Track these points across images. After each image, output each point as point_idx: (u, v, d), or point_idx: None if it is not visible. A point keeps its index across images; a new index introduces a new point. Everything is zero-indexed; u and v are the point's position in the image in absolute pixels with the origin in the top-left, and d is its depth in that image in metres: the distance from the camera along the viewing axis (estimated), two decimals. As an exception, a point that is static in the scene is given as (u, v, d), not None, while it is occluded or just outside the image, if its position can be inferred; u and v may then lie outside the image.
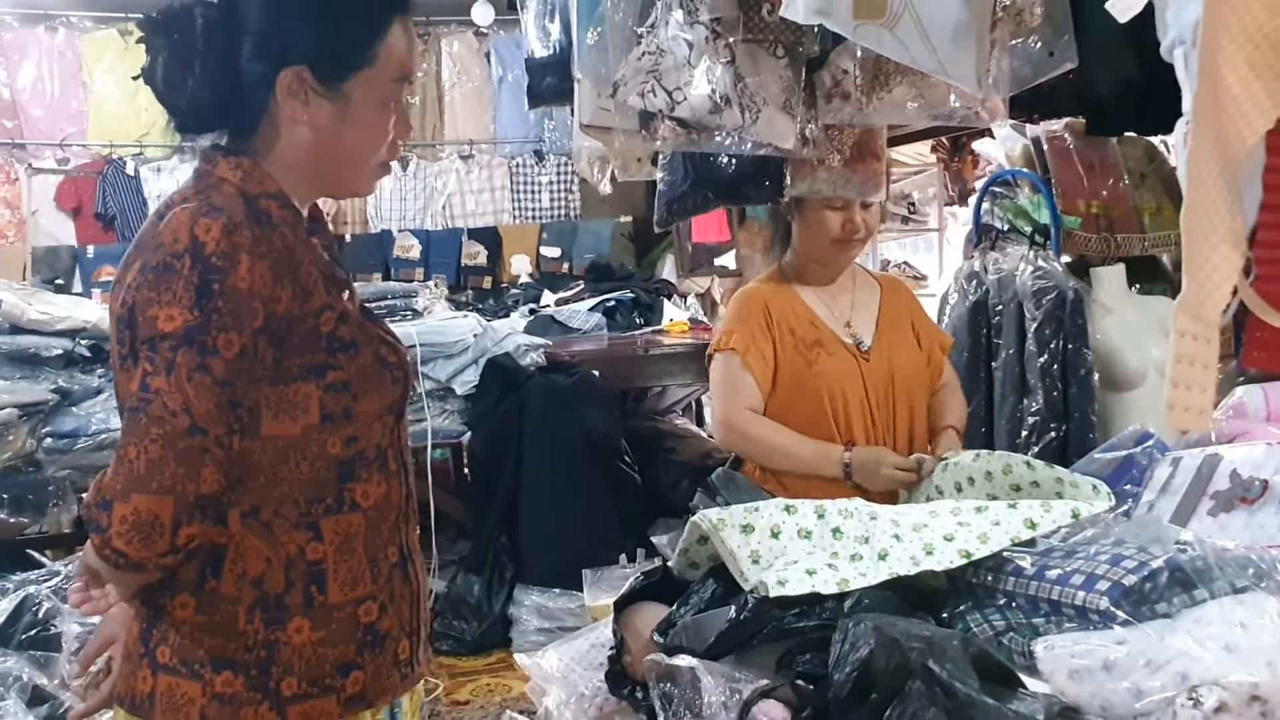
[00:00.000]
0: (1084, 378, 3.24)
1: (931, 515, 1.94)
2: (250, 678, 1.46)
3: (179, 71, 1.49)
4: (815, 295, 2.65)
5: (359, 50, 1.52)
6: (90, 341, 4.40)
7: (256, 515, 1.47)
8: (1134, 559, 1.64)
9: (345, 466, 1.51)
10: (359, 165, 1.59)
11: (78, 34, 7.65)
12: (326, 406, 1.48)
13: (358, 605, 1.52)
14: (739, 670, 1.64)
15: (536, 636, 4.12)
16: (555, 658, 2.06)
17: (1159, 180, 3.71)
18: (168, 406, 1.34)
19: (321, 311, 1.48)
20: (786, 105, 1.73)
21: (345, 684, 1.51)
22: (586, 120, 1.91)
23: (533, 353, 4.41)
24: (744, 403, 2.57)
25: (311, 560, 1.49)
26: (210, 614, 1.46)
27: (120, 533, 1.34)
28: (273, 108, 1.51)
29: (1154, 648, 1.50)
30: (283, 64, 1.49)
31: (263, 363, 1.42)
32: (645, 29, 1.64)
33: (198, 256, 1.37)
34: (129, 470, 1.34)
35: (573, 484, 4.25)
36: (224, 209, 1.42)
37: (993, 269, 3.47)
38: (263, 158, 1.53)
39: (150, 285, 1.38)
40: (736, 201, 2.25)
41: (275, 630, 1.47)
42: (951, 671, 1.41)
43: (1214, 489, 2.00)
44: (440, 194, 8.23)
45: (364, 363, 1.52)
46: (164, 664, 1.47)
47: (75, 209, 7.67)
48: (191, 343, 1.35)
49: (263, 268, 1.40)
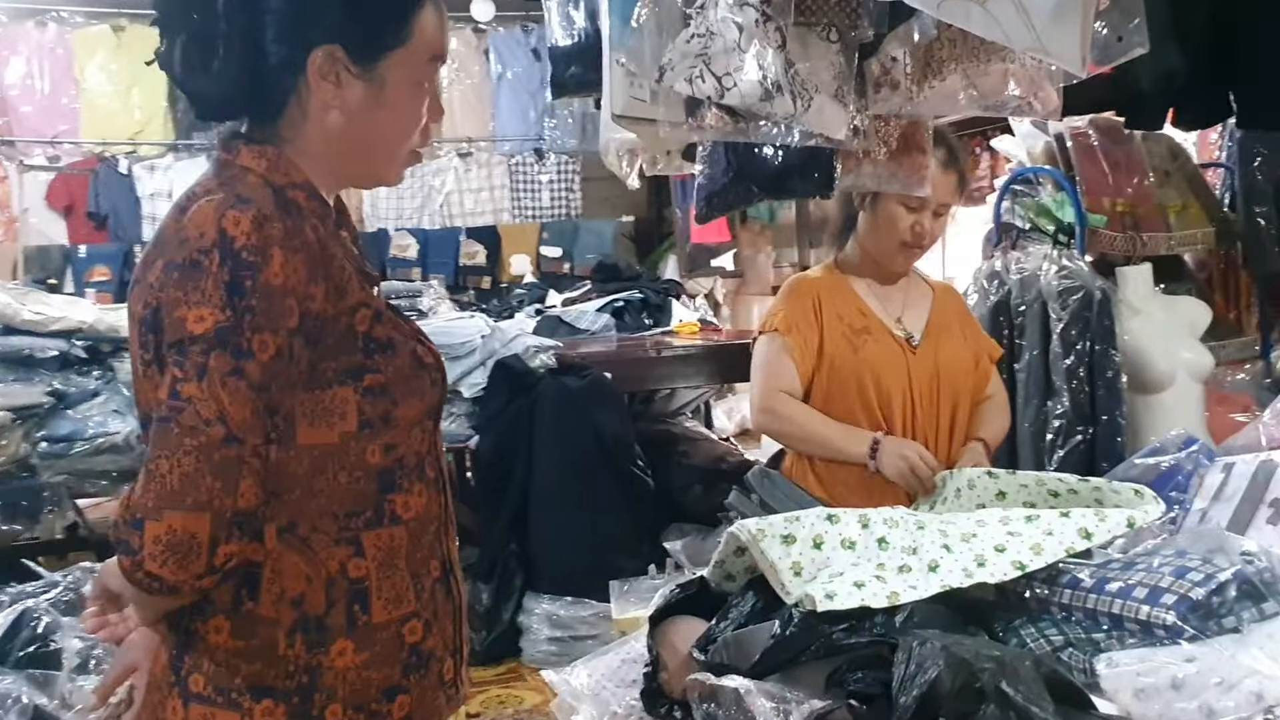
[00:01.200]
0: (1111, 380, 3.17)
1: (980, 525, 1.87)
2: (292, 705, 1.37)
3: (201, 55, 1.40)
4: (869, 289, 2.63)
5: (393, 27, 1.43)
6: (86, 343, 4.33)
7: (294, 531, 1.38)
8: (1200, 571, 1.59)
9: (385, 476, 1.43)
10: (391, 152, 1.51)
11: (69, 29, 7.57)
12: (365, 412, 1.40)
13: (402, 624, 1.44)
14: (788, 690, 1.57)
15: (548, 646, 4.06)
16: (585, 673, 1.98)
17: (1184, 178, 3.66)
18: (201, 415, 1.25)
19: (356, 309, 1.40)
20: (838, 94, 1.65)
21: (391, 709, 1.43)
22: (619, 110, 1.83)
23: (543, 354, 4.33)
24: (781, 385, 2.55)
25: (354, 578, 1.40)
26: (248, 638, 1.37)
27: (154, 554, 1.24)
28: (301, 91, 1.42)
29: (1226, 665, 1.45)
30: (314, 43, 1.40)
31: (298, 365, 1.33)
32: (695, 9, 1.56)
33: (227, 251, 1.27)
34: (161, 485, 1.24)
35: (585, 489, 4.18)
36: (252, 200, 1.33)
37: (1015, 268, 3.40)
38: (288, 145, 1.44)
39: (176, 284, 1.29)
40: (782, 195, 2.18)
41: (317, 654, 1.38)
42: (1025, 694, 1.35)
43: (1272, 496, 1.94)
44: (438, 192, 8.16)
45: (401, 364, 1.44)
46: (197, 693, 1.38)
47: (67, 208, 7.60)
48: (224, 345, 1.26)
49: (296, 262, 1.31)
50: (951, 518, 1.93)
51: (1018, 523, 1.85)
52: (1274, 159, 3.35)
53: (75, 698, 2.06)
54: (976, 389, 2.66)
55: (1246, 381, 3.51)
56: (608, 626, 3.83)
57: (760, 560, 1.82)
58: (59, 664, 2.26)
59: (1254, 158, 3.39)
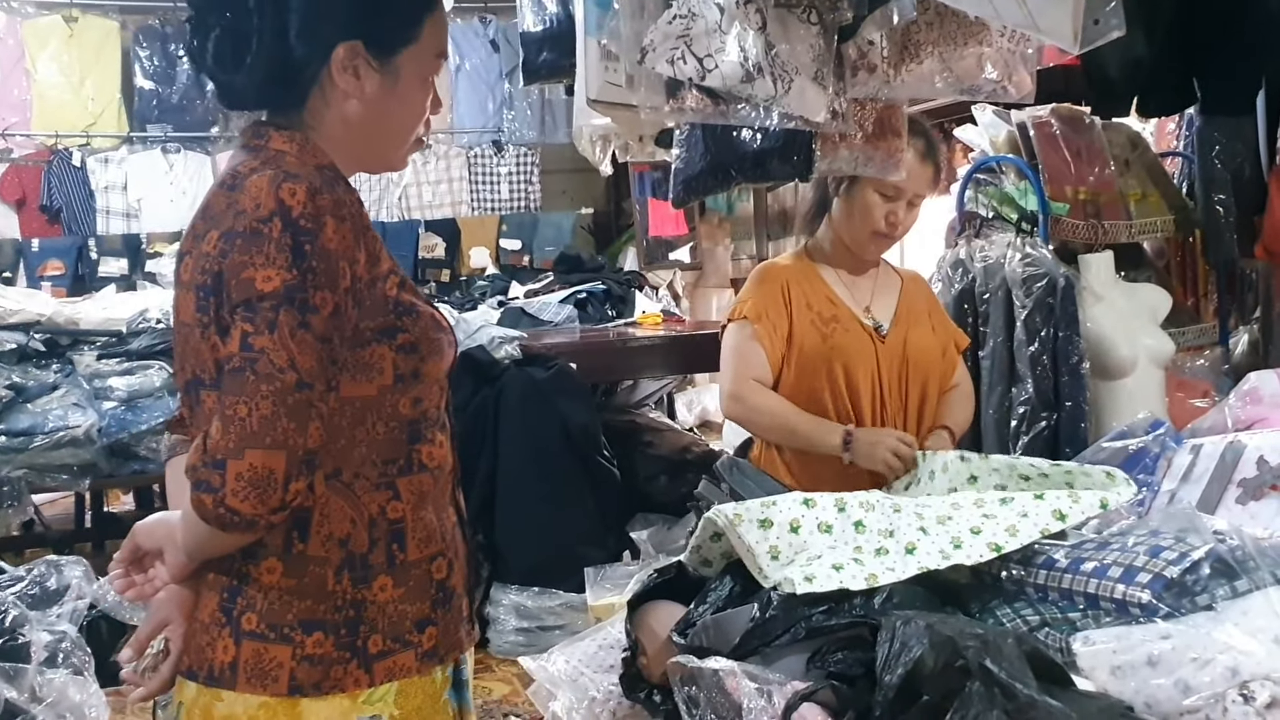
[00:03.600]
0: (1075, 366, 3.20)
1: (955, 508, 1.89)
2: (339, 637, 1.49)
3: (233, 49, 1.51)
4: (837, 277, 2.64)
5: (410, 25, 1.57)
6: (44, 336, 4.26)
7: (339, 477, 1.50)
8: (1174, 549, 1.61)
9: (413, 427, 1.56)
10: (402, 140, 1.64)
11: (19, 20, 7.43)
12: (399, 367, 1.52)
13: (430, 562, 1.57)
14: (768, 672, 1.57)
15: (515, 636, 4.05)
16: (562, 660, 1.98)
17: (1143, 167, 3.70)
18: (274, 363, 1.37)
19: (388, 276, 1.52)
20: (818, 76, 1.65)
21: (422, 639, 1.55)
22: (595, 95, 1.82)
23: (507, 345, 4.32)
24: (751, 373, 2.55)
25: (392, 519, 1.53)
26: (299, 577, 1.49)
27: (236, 490, 1.36)
28: (324, 82, 1.54)
29: (1201, 641, 1.46)
30: (338, 38, 1.52)
31: (348, 323, 1.46)
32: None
33: (286, 219, 1.40)
34: (241, 428, 1.36)
35: (550, 479, 4.17)
36: (301, 174, 1.45)
37: (979, 256, 3.42)
38: (311, 132, 1.56)
39: (240, 250, 1.40)
40: (760, 179, 2.18)
41: (362, 589, 1.51)
42: (1009, 671, 1.36)
43: (1240, 476, 1.97)
44: (396, 185, 8.10)
45: (425, 325, 1.56)
46: (250, 630, 1.48)
47: (19, 201, 7.48)
48: (292, 301, 1.39)
49: (345, 230, 1.44)
50: (927, 501, 1.94)
51: (992, 505, 1.87)
52: (1232, 148, 3.38)
53: (44, 691, 2.04)
54: (944, 378, 2.68)
55: (1205, 368, 3.55)
56: (575, 616, 3.83)
57: (737, 545, 1.83)
58: (28, 657, 2.24)
59: (1213, 146, 3.42)
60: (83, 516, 5.81)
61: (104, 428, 4.33)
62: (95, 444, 4.24)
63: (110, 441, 4.36)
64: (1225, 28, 2.77)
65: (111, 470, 4.47)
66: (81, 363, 4.39)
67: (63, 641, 2.27)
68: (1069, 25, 1.16)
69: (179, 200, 7.49)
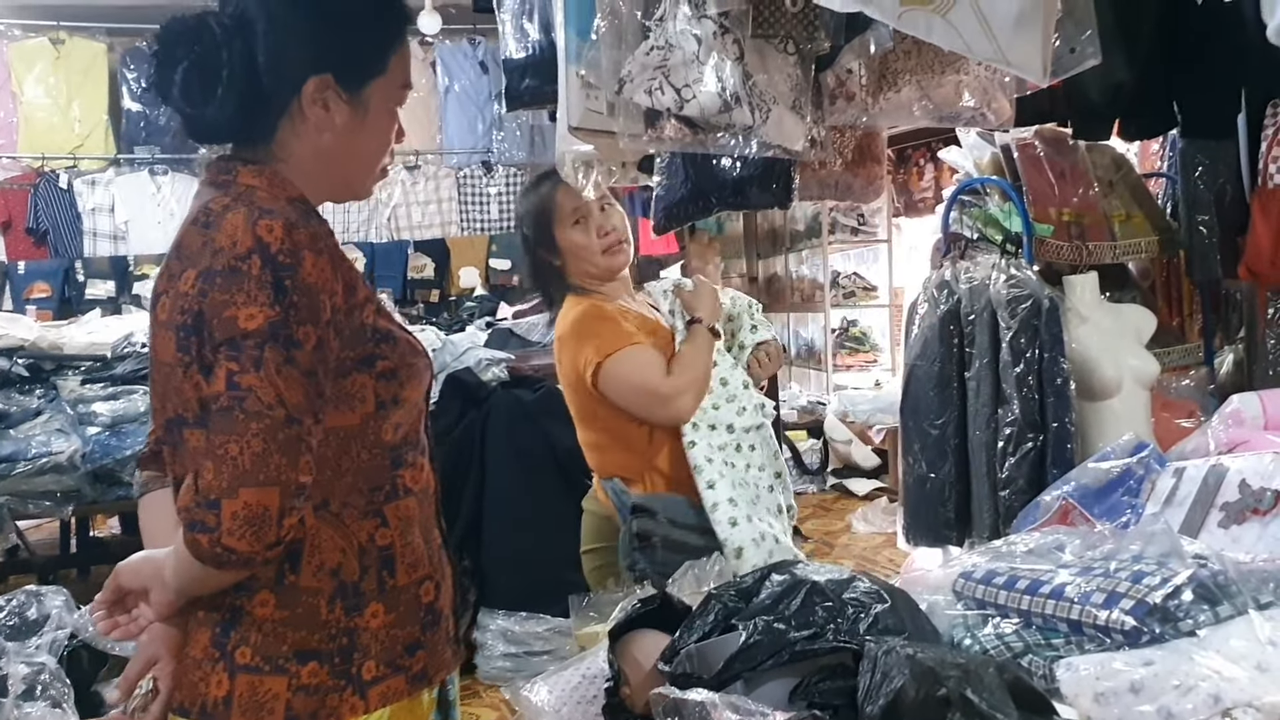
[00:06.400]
0: (1060, 387, 3.20)
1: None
2: (334, 666, 1.50)
3: (202, 82, 1.51)
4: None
5: (376, 59, 1.59)
6: (28, 361, 4.24)
7: (327, 507, 1.52)
8: (1156, 575, 1.61)
9: (395, 453, 1.58)
10: (370, 170, 1.66)
11: (6, 42, 7.44)
12: (380, 395, 1.54)
13: (419, 586, 1.59)
14: (751, 703, 1.56)
15: (502, 662, 4.03)
16: (546, 690, 1.96)
17: (1127, 188, 3.71)
18: (262, 400, 1.38)
19: (364, 304, 1.53)
20: (796, 105, 1.66)
21: (412, 663, 1.57)
22: (576, 123, 1.83)
23: (494, 367, 4.31)
24: (659, 372, 2.54)
25: (382, 546, 1.55)
26: (293, 608, 1.50)
27: (231, 529, 1.37)
28: (295, 115, 1.55)
29: (1183, 668, 1.46)
30: (308, 72, 1.53)
31: (331, 354, 1.47)
32: (654, 22, 1.56)
33: (265, 256, 1.41)
34: (234, 466, 1.37)
35: (538, 503, 4.14)
36: (275, 210, 1.46)
37: (964, 278, 3.42)
38: (280, 165, 1.57)
39: (221, 288, 1.41)
40: (740, 206, 2.19)
41: (354, 617, 1.52)
42: (990, 701, 1.36)
43: (1223, 500, 1.97)
44: (385, 205, 8.10)
45: (403, 351, 1.58)
46: (244, 664, 1.49)
47: (5, 223, 7.47)
48: (276, 337, 1.39)
49: (323, 263, 1.45)
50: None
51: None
52: (1215, 169, 3.40)
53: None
54: None
55: (1191, 388, 3.56)
56: (563, 641, 3.82)
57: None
58: (5, 690, 2.21)
59: (1195, 168, 3.44)
60: (68, 542, 5.78)
61: (88, 453, 4.31)
62: (79, 470, 4.21)
63: (94, 467, 4.34)
64: (1204, 51, 2.79)
65: (96, 496, 4.44)
66: (65, 388, 4.37)
67: (41, 673, 2.25)
68: (1038, 58, 1.16)
69: (167, 222, 7.47)
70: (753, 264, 9.75)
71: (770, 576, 1.76)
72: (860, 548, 5.98)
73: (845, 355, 8.77)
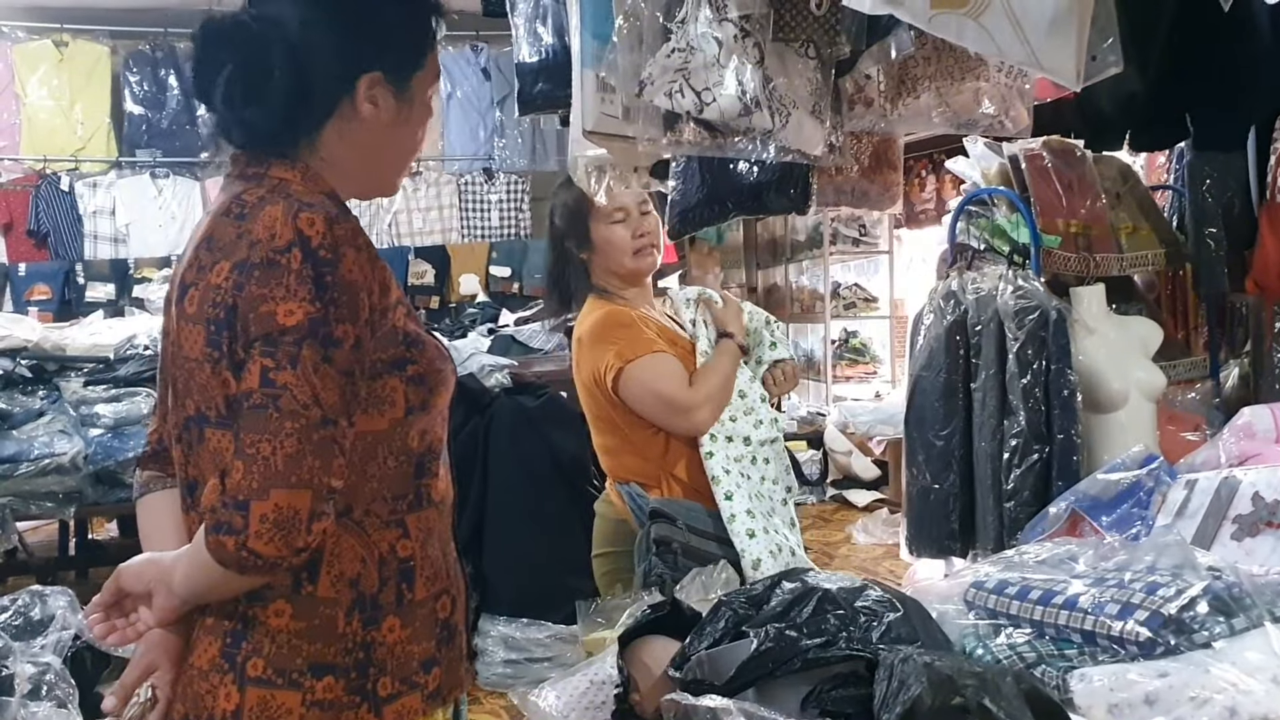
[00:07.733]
0: (1067, 399, 3.19)
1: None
2: (350, 681, 1.45)
3: (247, 84, 1.47)
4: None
5: (421, 53, 1.58)
6: (31, 362, 4.23)
7: (349, 514, 1.46)
8: (1171, 586, 1.60)
9: (420, 461, 1.53)
10: (404, 164, 1.65)
11: (9, 44, 7.45)
12: (410, 399, 1.50)
13: (435, 600, 1.53)
14: (764, 708, 1.55)
15: (503, 669, 4.02)
16: (554, 696, 1.95)
17: (1134, 200, 3.70)
18: (298, 399, 1.33)
19: (397, 305, 1.49)
20: (816, 110, 1.66)
21: (428, 680, 1.51)
22: (590, 127, 1.82)
23: (498, 373, 4.30)
24: (679, 382, 2.54)
25: (402, 557, 1.50)
26: (309, 619, 1.44)
27: (260, 531, 1.31)
28: (345, 112, 1.53)
29: (1199, 680, 1.46)
30: (360, 71, 1.51)
31: (367, 355, 1.43)
32: (675, 25, 1.56)
33: (306, 250, 1.36)
34: (265, 466, 1.32)
35: (540, 509, 4.15)
36: (315, 204, 1.42)
37: (971, 288, 3.41)
38: (312, 159, 1.53)
39: (259, 282, 1.36)
40: (757, 212, 2.18)
41: (371, 630, 1.46)
42: (1007, 710, 1.35)
43: (1235, 512, 1.96)
44: (386, 211, 8.10)
45: (431, 355, 1.53)
46: (256, 677, 1.43)
47: (6, 225, 7.49)
48: (315, 335, 1.35)
49: (362, 260, 1.41)
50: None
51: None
52: (1223, 182, 3.40)
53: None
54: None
55: (1197, 401, 3.55)
56: (564, 648, 3.81)
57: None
58: (11, 689, 2.20)
59: (1203, 181, 3.43)
60: (67, 544, 5.77)
61: (90, 455, 4.30)
62: (81, 471, 4.21)
63: (96, 469, 4.33)
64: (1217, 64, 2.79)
65: (97, 498, 4.43)
66: (68, 389, 4.36)
67: (46, 673, 2.23)
68: (1072, 63, 1.16)
69: (168, 225, 7.48)
70: (752, 274, 9.75)
71: (781, 584, 1.75)
72: (860, 559, 5.97)
73: (845, 366, 8.77)
